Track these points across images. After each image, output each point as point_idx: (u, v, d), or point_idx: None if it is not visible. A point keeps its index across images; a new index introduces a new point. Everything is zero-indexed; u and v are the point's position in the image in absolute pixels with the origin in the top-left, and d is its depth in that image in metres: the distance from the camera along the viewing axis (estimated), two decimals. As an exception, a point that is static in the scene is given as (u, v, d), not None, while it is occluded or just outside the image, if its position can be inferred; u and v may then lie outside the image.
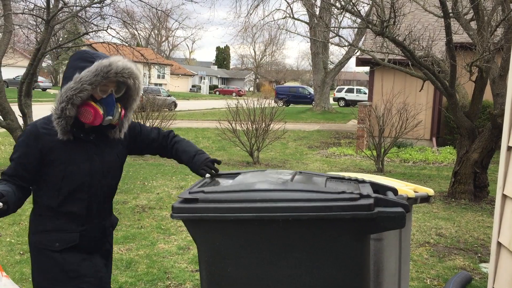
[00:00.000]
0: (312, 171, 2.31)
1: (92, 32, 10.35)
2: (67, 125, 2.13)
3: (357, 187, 2.01)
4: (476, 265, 4.57)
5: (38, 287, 2.24)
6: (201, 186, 2.01)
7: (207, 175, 2.29)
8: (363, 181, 2.16)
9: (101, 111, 2.15)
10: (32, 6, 9.78)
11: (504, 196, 2.14)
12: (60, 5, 9.07)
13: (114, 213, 2.58)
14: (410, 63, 7.99)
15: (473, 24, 7.73)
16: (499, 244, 2.16)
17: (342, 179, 2.16)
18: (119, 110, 2.24)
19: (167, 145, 2.56)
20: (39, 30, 10.49)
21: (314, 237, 1.79)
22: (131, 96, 2.30)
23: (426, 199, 3.17)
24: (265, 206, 1.76)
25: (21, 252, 4.54)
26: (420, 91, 9.03)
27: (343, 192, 1.81)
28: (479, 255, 4.86)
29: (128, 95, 2.30)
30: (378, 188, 2.16)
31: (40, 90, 38.64)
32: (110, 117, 2.19)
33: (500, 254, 2.16)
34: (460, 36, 9.24)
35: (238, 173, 2.23)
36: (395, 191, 2.18)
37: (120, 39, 11.21)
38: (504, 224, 2.13)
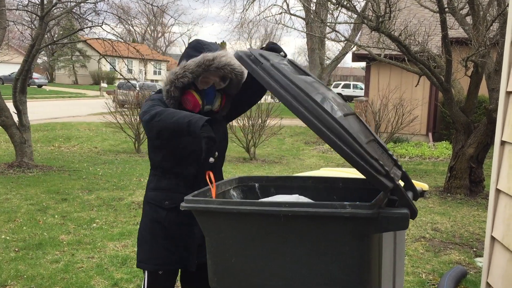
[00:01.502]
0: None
1: (87, 28, 10.30)
2: (176, 103, 2.31)
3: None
4: (472, 259, 4.59)
5: (140, 236, 2.48)
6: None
7: None
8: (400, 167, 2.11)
9: (199, 101, 2.32)
10: (26, 2, 9.71)
11: (498, 191, 2.14)
12: (54, 1, 9.03)
13: (109, 210, 2.59)
14: (406, 58, 7.99)
15: (469, 19, 7.73)
16: (492, 239, 2.17)
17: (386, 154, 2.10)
18: (220, 98, 2.41)
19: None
20: (33, 27, 10.45)
21: (313, 234, 1.80)
22: (233, 86, 2.43)
23: (420, 194, 3.17)
24: (268, 201, 1.85)
25: (16, 249, 4.53)
26: (416, 86, 9.04)
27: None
28: (475, 249, 4.88)
29: (231, 84, 2.42)
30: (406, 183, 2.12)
31: (36, 86, 38.47)
32: (209, 106, 2.37)
33: (493, 249, 2.17)
34: (456, 31, 9.25)
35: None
36: (416, 193, 2.11)
37: (116, 35, 11.17)
38: (498, 219, 2.13)
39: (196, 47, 2.36)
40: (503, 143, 2.13)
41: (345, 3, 7.88)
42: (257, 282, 1.86)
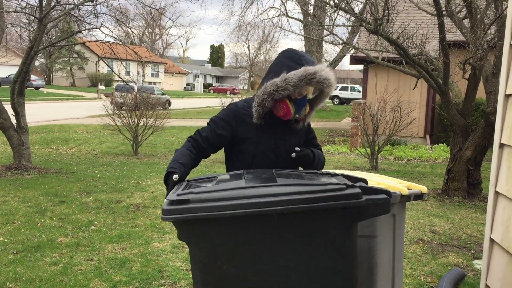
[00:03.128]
0: (286, 170, 2.40)
1: (85, 30, 10.29)
2: (263, 113, 2.45)
3: (333, 179, 2.06)
4: (470, 261, 4.60)
5: None
6: (185, 188, 2.01)
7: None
8: (335, 174, 2.27)
9: (292, 110, 2.46)
10: (25, 4, 9.72)
11: (497, 193, 2.15)
12: (52, 3, 9.02)
13: (107, 212, 2.62)
14: (404, 61, 8.02)
15: (466, 22, 7.76)
16: (491, 241, 2.18)
17: (316, 173, 2.25)
18: (307, 108, 2.55)
19: None
20: (31, 29, 10.43)
21: (308, 228, 1.83)
22: (320, 99, 2.57)
23: (419, 196, 3.18)
24: (260, 201, 1.78)
25: (15, 252, 4.52)
26: (414, 89, 9.06)
27: (330, 184, 1.89)
28: (473, 251, 4.89)
29: (318, 97, 2.56)
30: (350, 179, 2.21)
31: (33, 88, 38.41)
32: (297, 115, 2.52)
33: (492, 251, 2.18)
34: (454, 34, 9.28)
35: (213, 176, 2.23)
36: (365, 181, 2.24)
37: (114, 37, 11.14)
38: (497, 221, 2.14)
39: (294, 58, 2.45)
40: (502, 145, 2.14)
41: (343, 6, 7.90)
42: (252, 285, 1.83)
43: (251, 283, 1.83)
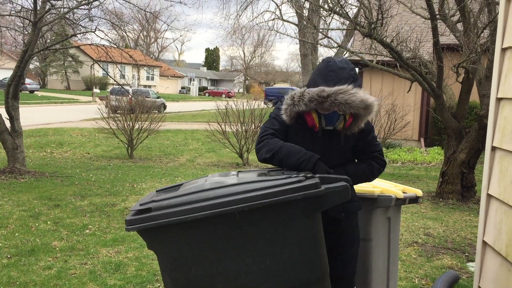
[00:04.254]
0: (250, 169, 2.41)
1: (80, 34, 10.28)
2: (291, 115, 2.41)
3: (294, 174, 2.09)
4: (464, 264, 4.62)
5: None
6: (150, 198, 2.02)
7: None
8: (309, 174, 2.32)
9: (317, 123, 2.43)
10: (19, 8, 9.69)
11: (489, 196, 2.17)
12: (47, 7, 9.02)
13: (102, 216, 2.58)
14: (398, 65, 8.05)
15: (460, 26, 7.81)
16: (484, 243, 2.19)
17: (280, 170, 2.26)
18: (345, 120, 2.43)
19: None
20: (26, 32, 10.41)
21: (270, 222, 1.85)
22: (360, 118, 2.43)
23: (414, 199, 3.20)
24: (221, 202, 1.79)
25: (9, 256, 4.50)
26: (408, 92, 9.10)
27: (289, 177, 1.92)
28: (467, 254, 4.91)
29: (358, 116, 2.42)
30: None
31: (28, 92, 38.27)
32: (330, 127, 2.47)
33: (485, 253, 2.19)
34: (447, 38, 9.33)
35: (181, 184, 2.24)
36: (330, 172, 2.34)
37: (109, 40, 11.14)
38: (489, 223, 2.16)
39: (323, 73, 2.42)
40: (493, 148, 2.16)
41: (337, 10, 7.93)
42: (223, 286, 1.84)
43: (221, 284, 1.84)
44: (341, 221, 2.51)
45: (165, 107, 28.39)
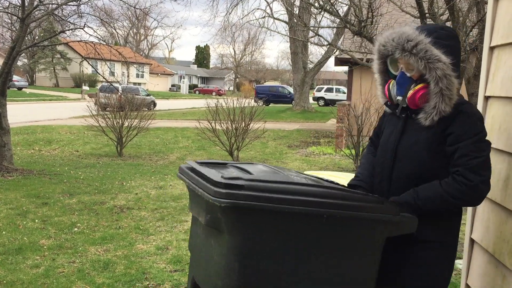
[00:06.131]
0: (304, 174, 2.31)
1: (68, 30, 10.19)
2: (383, 96, 2.11)
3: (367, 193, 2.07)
4: (452, 261, 4.64)
5: None
6: (227, 174, 1.87)
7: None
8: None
9: (389, 92, 2.04)
10: (7, 4, 9.59)
11: (477, 194, 2.18)
12: (35, 3, 8.92)
13: (90, 214, 2.48)
14: (387, 63, 8.06)
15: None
16: (472, 241, 2.21)
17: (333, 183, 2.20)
18: (414, 89, 1.96)
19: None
20: (14, 28, 10.30)
21: (347, 235, 1.83)
22: (426, 73, 1.94)
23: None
24: (313, 201, 1.74)
25: (-4, 255, 4.46)
26: (397, 90, 9.14)
27: (367, 195, 1.90)
28: (455, 251, 4.94)
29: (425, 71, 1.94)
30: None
31: (16, 89, 37.91)
32: (399, 98, 2.00)
33: (473, 250, 2.21)
34: (436, 37, 9.36)
35: (227, 162, 2.20)
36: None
37: (98, 37, 11.06)
38: (477, 221, 2.17)
39: None
40: (481, 146, 2.17)
41: (328, 8, 7.95)
42: (285, 286, 1.79)
43: (285, 283, 1.79)
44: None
45: (155, 104, 28.28)
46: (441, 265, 1.99)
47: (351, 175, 3.43)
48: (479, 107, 2.21)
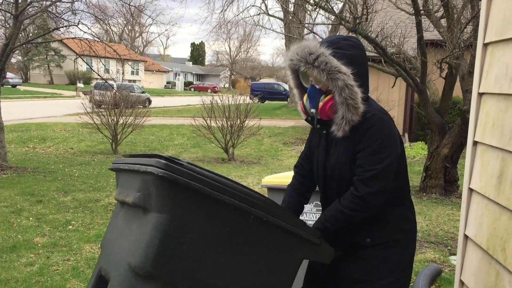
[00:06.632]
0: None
1: (62, 27, 10.14)
2: (301, 111, 2.11)
3: None
4: (446, 257, 4.67)
5: None
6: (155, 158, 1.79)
7: None
8: None
9: (304, 105, 2.06)
10: (1, 1, 9.52)
11: (470, 190, 2.19)
12: (29, 0, 8.87)
13: (85, 211, 2.45)
14: (382, 60, 8.09)
15: (444, 22, 7.87)
16: (465, 237, 2.21)
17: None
18: (323, 101, 1.97)
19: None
20: (7, 25, 10.24)
21: (271, 242, 1.83)
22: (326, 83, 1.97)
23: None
24: (246, 198, 1.74)
25: (-10, 253, 4.44)
26: (392, 87, 9.16)
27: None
28: (449, 248, 4.97)
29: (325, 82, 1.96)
30: None
31: (10, 86, 37.72)
32: (313, 110, 2.01)
33: (467, 247, 2.22)
34: (431, 33, 9.40)
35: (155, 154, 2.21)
36: None
37: (92, 34, 11.00)
38: (470, 217, 2.18)
39: None
40: (475, 143, 2.18)
41: (323, 4, 7.94)
42: (199, 277, 1.73)
43: (200, 274, 1.73)
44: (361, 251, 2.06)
45: (150, 102, 28.21)
46: (400, 260, 2.06)
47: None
48: (473, 103, 2.21)
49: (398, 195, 2.06)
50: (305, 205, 2.28)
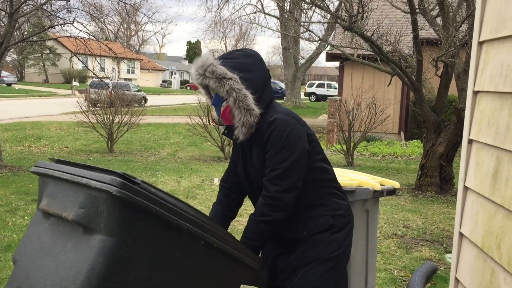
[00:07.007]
0: None
1: (58, 25, 10.10)
2: (222, 130, 2.27)
3: None
4: (442, 255, 4.69)
5: None
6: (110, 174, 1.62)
7: None
8: None
9: (212, 115, 2.20)
10: (-5, -1, 9.47)
11: (466, 188, 2.19)
12: (23, -2, 8.82)
13: None
14: (378, 58, 8.10)
15: (439, 20, 7.89)
16: (461, 235, 2.22)
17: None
18: (221, 110, 2.09)
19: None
20: (2, 24, 10.19)
21: (219, 269, 1.81)
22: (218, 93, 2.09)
23: (392, 191, 3.23)
24: (200, 223, 1.66)
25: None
26: (388, 86, 9.17)
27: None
28: (445, 246, 4.98)
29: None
30: None
31: (5, 85, 37.55)
32: (218, 117, 2.14)
33: (462, 244, 2.22)
34: (427, 32, 9.42)
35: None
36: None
37: (88, 33, 10.96)
38: (466, 215, 2.18)
39: None
40: (470, 141, 2.18)
41: (318, 3, 7.94)
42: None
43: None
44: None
45: (146, 100, 28.15)
46: (334, 240, 2.14)
47: (342, 170, 3.45)
48: (468, 102, 2.21)
49: (326, 185, 2.18)
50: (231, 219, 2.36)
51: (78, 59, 10.14)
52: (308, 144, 2.10)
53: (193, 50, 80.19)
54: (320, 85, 39.78)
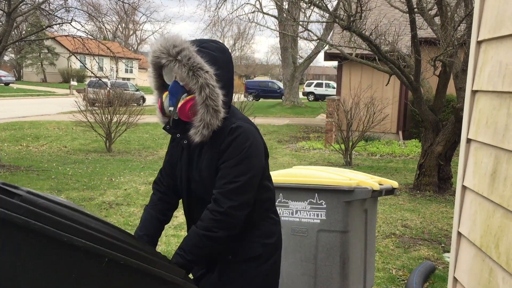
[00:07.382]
0: None
1: (56, 25, 10.08)
2: (159, 116, 1.99)
3: None
4: (440, 255, 4.69)
5: None
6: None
7: None
8: None
9: (163, 103, 1.92)
10: (-8, -2, 9.45)
11: (464, 187, 2.19)
12: (21, -3, 8.81)
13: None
14: (376, 58, 8.11)
15: (437, 20, 7.90)
16: (459, 234, 2.22)
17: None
18: (185, 99, 1.84)
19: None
20: (0, 23, 10.17)
21: (132, 283, 1.58)
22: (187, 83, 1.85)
23: (390, 191, 3.23)
24: (101, 237, 1.43)
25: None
26: (386, 85, 9.18)
27: (158, 253, 1.83)
28: (443, 245, 4.99)
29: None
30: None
31: (3, 84, 37.50)
32: (171, 108, 1.88)
33: (460, 244, 2.22)
34: (425, 31, 9.43)
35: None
36: None
37: (86, 32, 10.95)
38: (464, 215, 2.19)
39: None
40: (469, 140, 2.18)
41: (317, 2, 7.94)
42: None
43: None
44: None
45: (144, 100, 28.12)
46: (258, 274, 1.98)
47: (340, 170, 3.45)
48: (466, 101, 2.22)
49: (266, 206, 2.01)
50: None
51: (77, 58, 10.13)
52: (264, 159, 1.95)
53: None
54: (319, 85, 39.77)
